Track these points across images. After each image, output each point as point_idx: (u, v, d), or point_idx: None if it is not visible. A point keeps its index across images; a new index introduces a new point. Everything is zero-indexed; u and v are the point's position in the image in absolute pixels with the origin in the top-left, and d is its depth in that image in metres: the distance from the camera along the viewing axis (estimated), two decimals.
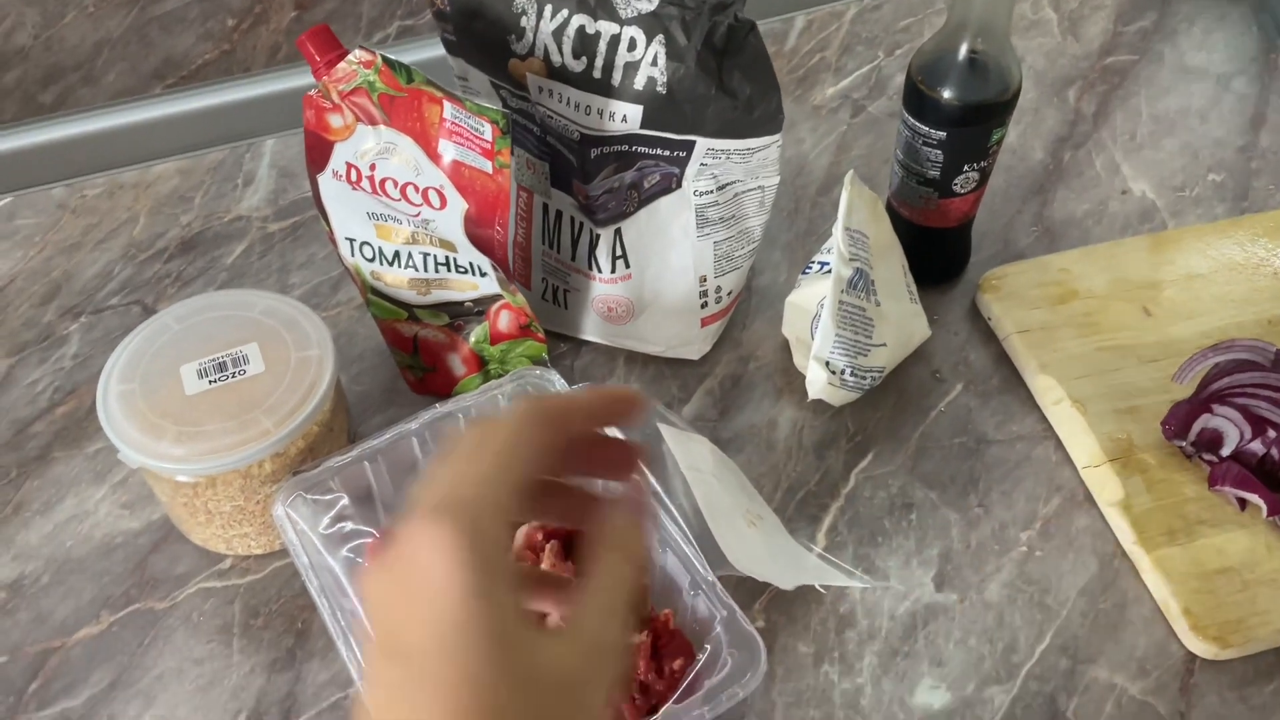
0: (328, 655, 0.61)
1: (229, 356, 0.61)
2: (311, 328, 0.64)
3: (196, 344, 0.62)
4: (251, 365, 0.61)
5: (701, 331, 0.73)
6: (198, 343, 0.62)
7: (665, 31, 0.58)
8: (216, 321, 0.64)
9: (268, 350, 0.62)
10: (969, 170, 0.71)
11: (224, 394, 0.60)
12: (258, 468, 0.60)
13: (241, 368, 0.61)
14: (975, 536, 0.66)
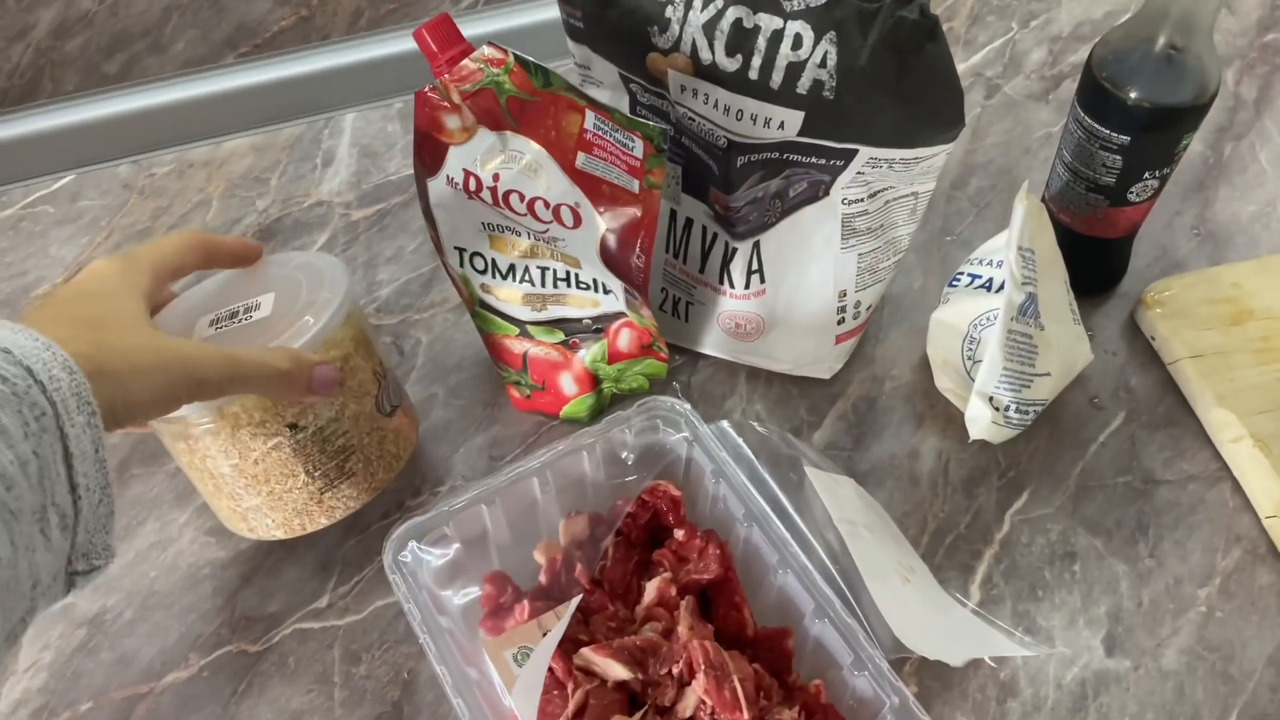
0: (439, 711, 0.56)
1: (242, 305, 0.56)
2: (330, 273, 0.57)
3: (220, 299, 0.57)
4: (260, 310, 0.55)
5: (835, 349, 0.66)
6: (222, 298, 0.57)
7: (838, 28, 0.50)
8: (246, 276, 0.58)
9: (282, 296, 0.56)
10: (1149, 178, 0.63)
11: (226, 338, 0.54)
12: (244, 413, 0.52)
13: (250, 314, 0.55)
14: (1147, 593, 0.59)
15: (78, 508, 0.40)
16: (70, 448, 0.39)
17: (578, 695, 0.50)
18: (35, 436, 0.38)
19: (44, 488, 0.38)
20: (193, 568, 0.61)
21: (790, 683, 0.53)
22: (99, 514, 0.42)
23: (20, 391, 0.38)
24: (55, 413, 0.38)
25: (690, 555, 0.57)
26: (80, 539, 0.41)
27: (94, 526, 0.42)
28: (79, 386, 0.40)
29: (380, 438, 0.58)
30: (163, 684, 0.57)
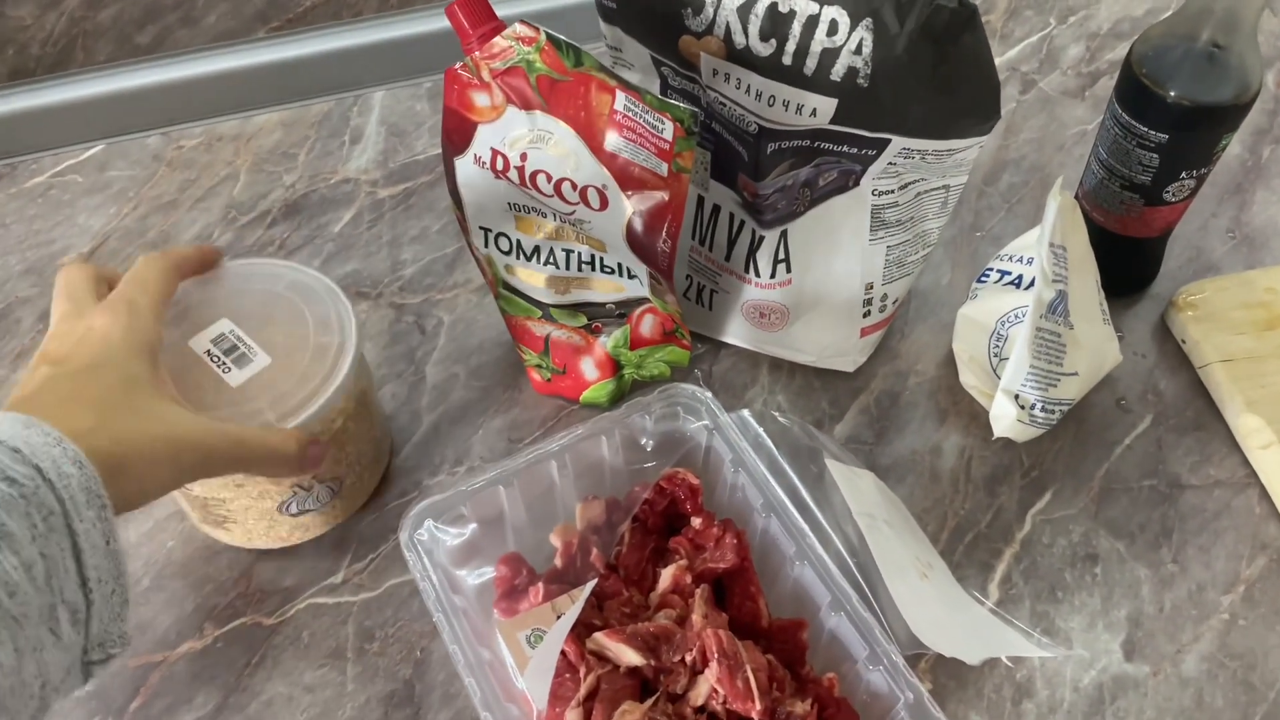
0: (450, 689, 0.56)
1: (234, 336, 0.54)
2: (335, 307, 0.56)
3: (210, 314, 0.55)
4: (258, 358, 0.53)
5: (860, 342, 0.66)
6: (212, 313, 0.55)
7: (875, 14, 0.49)
8: (237, 295, 0.56)
9: (282, 331, 0.54)
10: (1186, 178, 0.62)
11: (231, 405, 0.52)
12: (251, 484, 0.54)
13: (251, 355, 0.53)
14: (1169, 598, 0.58)
15: (89, 600, 0.40)
16: (80, 544, 0.39)
17: (590, 679, 0.50)
18: (43, 538, 0.37)
19: (52, 587, 0.38)
20: (210, 540, 0.61)
21: (804, 675, 0.53)
22: (112, 604, 0.41)
23: (29, 493, 0.37)
24: (64, 510, 0.38)
25: (707, 543, 0.56)
26: (95, 630, 0.41)
27: (108, 616, 0.41)
28: (89, 481, 0.40)
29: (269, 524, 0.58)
30: (177, 653, 0.57)
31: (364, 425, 0.58)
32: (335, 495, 0.58)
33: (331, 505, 0.59)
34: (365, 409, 0.58)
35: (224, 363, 0.53)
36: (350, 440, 0.57)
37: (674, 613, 0.54)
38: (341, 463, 0.57)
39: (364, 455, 0.59)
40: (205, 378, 0.52)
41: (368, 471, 0.60)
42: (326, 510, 0.59)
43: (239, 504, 0.55)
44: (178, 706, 0.55)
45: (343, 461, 0.57)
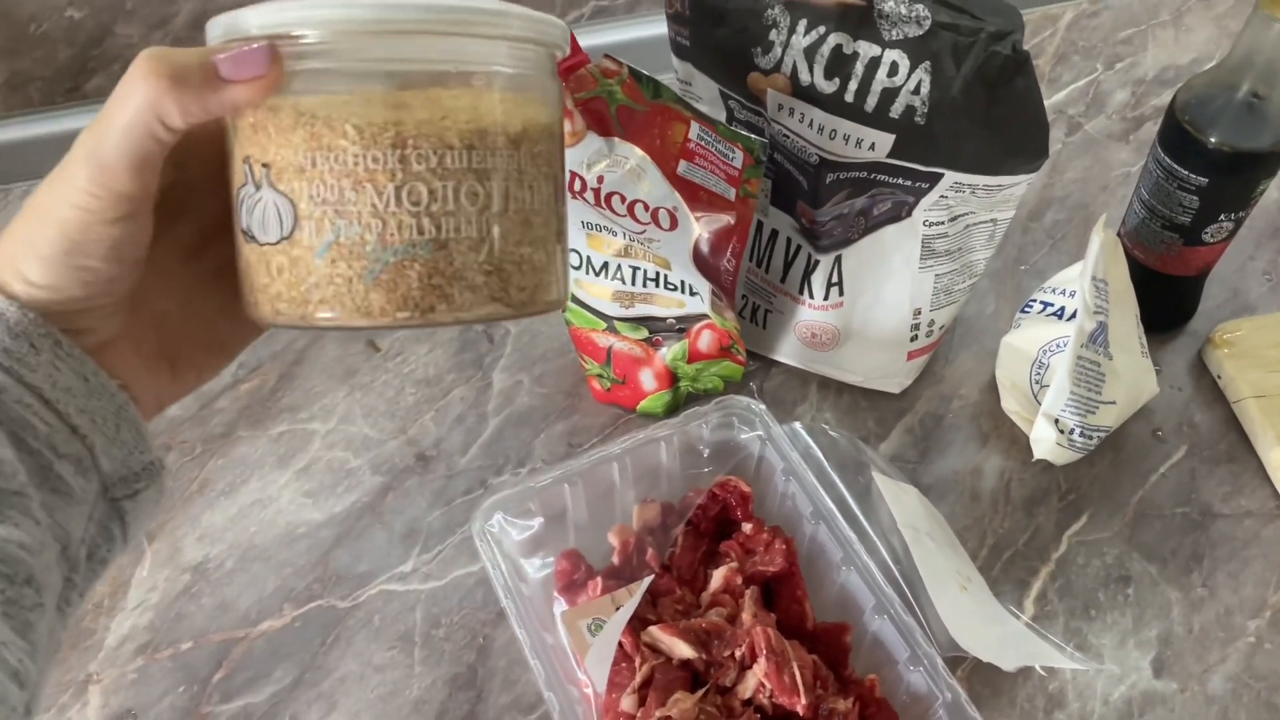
0: (510, 675, 0.59)
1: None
2: None
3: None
4: None
5: (906, 365, 0.69)
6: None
7: (933, 58, 0.53)
8: None
9: None
10: (1224, 220, 0.65)
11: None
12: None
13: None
14: (1198, 620, 0.61)
15: (88, 445, 0.36)
16: (46, 395, 0.34)
17: (644, 669, 0.54)
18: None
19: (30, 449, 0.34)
20: (290, 526, 0.66)
21: (846, 676, 0.56)
22: (121, 439, 0.37)
23: None
24: (5, 366, 0.34)
25: (757, 548, 0.60)
26: (107, 468, 0.36)
27: (120, 453, 0.37)
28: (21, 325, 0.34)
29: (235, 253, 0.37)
30: (258, 630, 0.61)
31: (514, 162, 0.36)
32: (283, 237, 0.34)
33: (276, 257, 0.35)
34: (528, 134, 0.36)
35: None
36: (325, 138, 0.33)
37: (724, 611, 0.57)
38: (302, 175, 0.34)
39: (349, 221, 0.34)
40: None
41: (336, 265, 0.34)
42: (268, 258, 0.35)
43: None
44: (257, 680, 0.59)
45: (301, 176, 0.34)
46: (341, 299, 0.34)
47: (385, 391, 0.72)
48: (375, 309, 0.34)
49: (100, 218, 0.34)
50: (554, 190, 0.37)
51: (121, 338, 0.38)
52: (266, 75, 0.33)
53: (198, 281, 0.41)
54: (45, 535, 0.34)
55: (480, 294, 0.35)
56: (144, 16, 0.81)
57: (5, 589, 0.32)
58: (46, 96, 0.83)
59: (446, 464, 0.68)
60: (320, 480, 0.68)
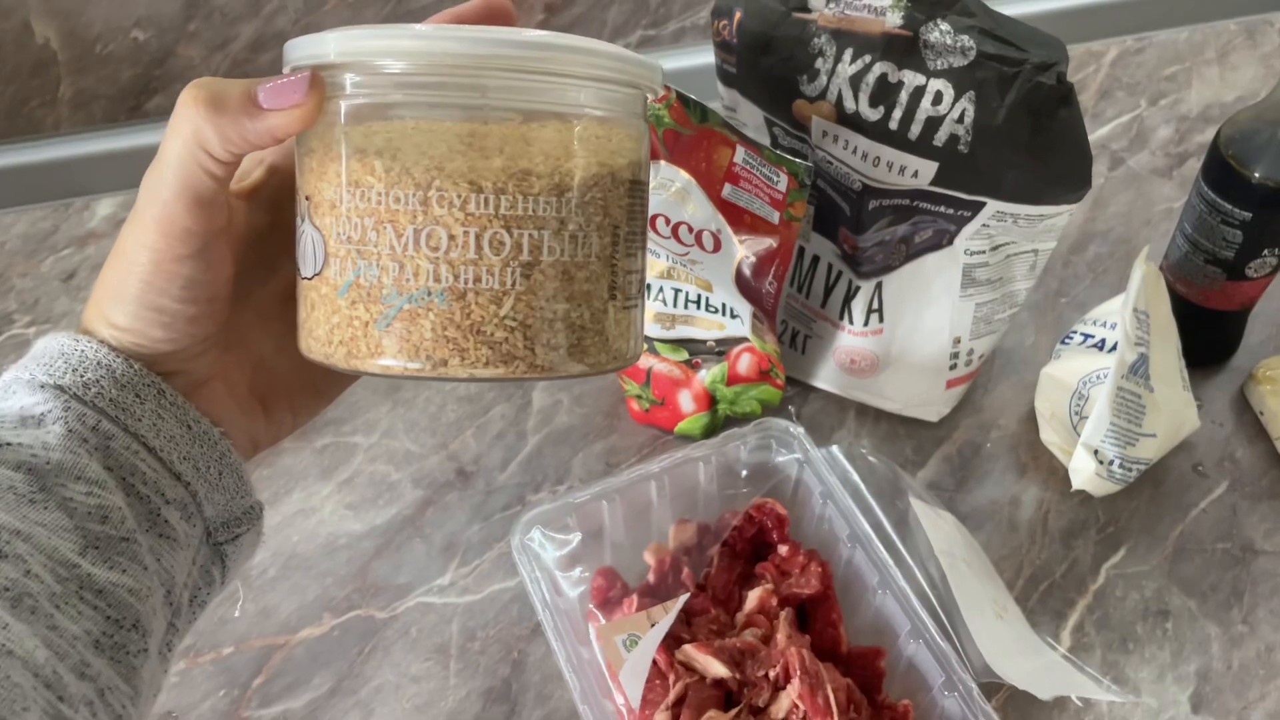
0: (544, 690, 0.60)
1: None
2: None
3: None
4: None
5: (945, 393, 0.69)
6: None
7: (978, 88, 0.54)
8: None
9: None
10: (1268, 255, 0.65)
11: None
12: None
13: None
14: (1238, 657, 0.60)
15: (191, 491, 0.36)
16: (150, 442, 0.35)
17: (678, 686, 0.54)
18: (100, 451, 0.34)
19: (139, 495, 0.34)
20: (331, 536, 0.67)
21: (880, 701, 0.56)
22: (224, 485, 0.37)
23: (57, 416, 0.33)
24: (109, 415, 0.34)
25: (792, 570, 0.60)
26: (210, 514, 0.37)
27: (222, 499, 0.37)
28: (128, 375, 0.35)
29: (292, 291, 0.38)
30: (298, 637, 0.62)
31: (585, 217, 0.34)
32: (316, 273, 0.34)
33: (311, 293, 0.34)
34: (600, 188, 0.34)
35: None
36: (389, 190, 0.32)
37: (759, 632, 0.57)
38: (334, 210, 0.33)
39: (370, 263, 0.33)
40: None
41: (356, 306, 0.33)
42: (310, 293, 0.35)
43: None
44: (296, 686, 0.60)
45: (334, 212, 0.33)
46: (356, 342, 0.33)
47: (427, 407, 0.73)
48: (387, 356, 0.33)
49: (168, 255, 0.34)
50: (613, 240, 0.34)
51: (214, 378, 0.38)
52: (303, 105, 0.32)
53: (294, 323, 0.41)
54: (152, 580, 0.34)
55: (499, 351, 0.32)
56: (205, 39, 0.84)
57: (114, 634, 0.32)
58: (110, 114, 0.86)
59: (486, 480, 0.69)
60: (362, 493, 0.69)
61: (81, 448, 0.33)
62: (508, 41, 0.31)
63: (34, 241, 0.84)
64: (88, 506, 0.33)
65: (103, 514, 0.33)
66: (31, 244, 0.84)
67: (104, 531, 0.33)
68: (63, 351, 0.35)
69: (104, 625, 0.32)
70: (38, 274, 0.82)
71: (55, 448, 0.33)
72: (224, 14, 0.82)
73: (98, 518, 0.33)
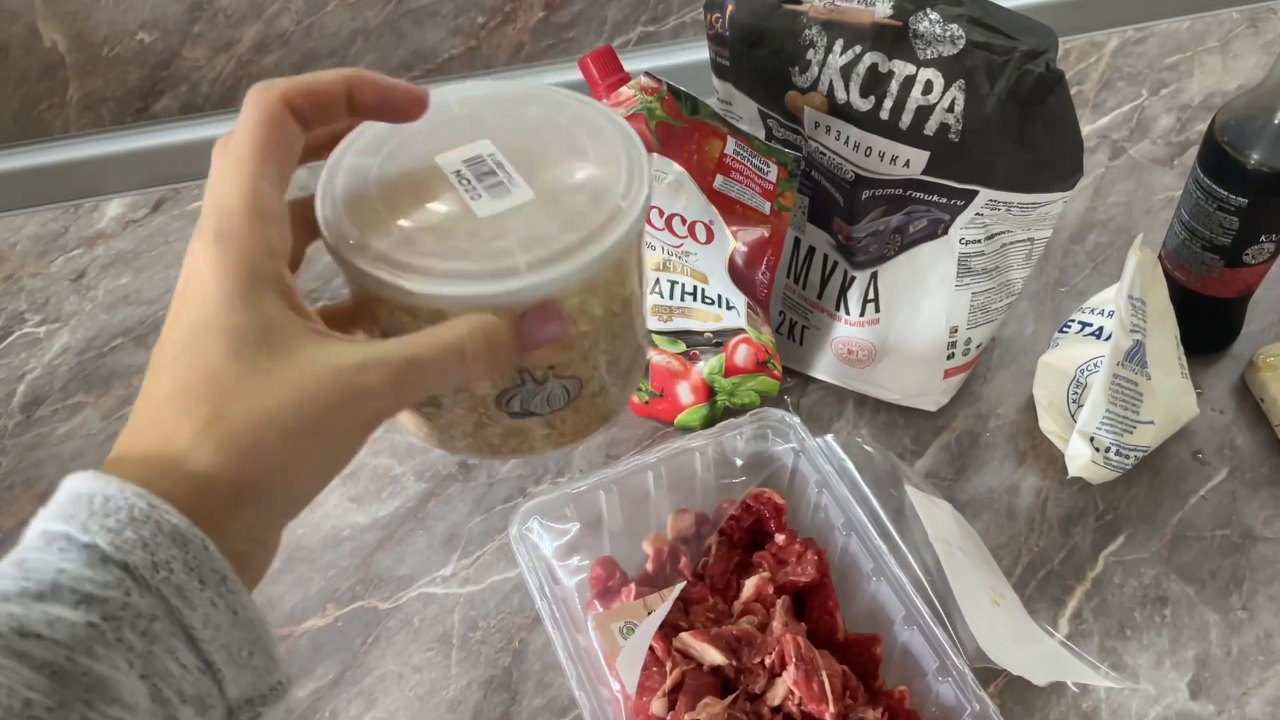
0: (544, 679, 0.60)
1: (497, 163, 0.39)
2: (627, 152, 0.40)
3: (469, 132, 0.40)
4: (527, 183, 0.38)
5: (943, 383, 0.69)
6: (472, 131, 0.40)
7: (968, 76, 0.54)
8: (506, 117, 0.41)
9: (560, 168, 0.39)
10: (1265, 241, 0.64)
11: (478, 205, 0.38)
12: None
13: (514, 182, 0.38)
14: (1237, 643, 0.60)
15: (218, 679, 0.32)
16: (195, 635, 0.31)
17: (675, 674, 0.54)
18: (143, 658, 0.30)
19: (162, 700, 0.31)
20: (335, 529, 0.67)
21: (876, 688, 0.56)
22: (254, 665, 0.34)
23: (116, 611, 0.29)
24: (168, 607, 0.30)
25: (789, 558, 0.60)
26: (234, 695, 0.33)
27: (248, 680, 0.34)
28: (198, 559, 0.31)
29: (479, 423, 0.41)
30: (302, 628, 0.63)
31: (627, 319, 0.41)
32: (568, 402, 0.41)
33: (558, 417, 0.42)
34: (633, 299, 0.41)
35: (474, 188, 0.38)
36: (606, 332, 0.40)
37: (755, 619, 0.58)
38: (589, 358, 0.40)
39: (618, 361, 0.42)
40: (447, 202, 0.38)
41: (614, 386, 0.43)
42: (551, 421, 0.42)
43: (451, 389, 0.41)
44: (301, 677, 0.61)
45: (591, 357, 0.40)
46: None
47: None
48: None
49: (373, 429, 0.35)
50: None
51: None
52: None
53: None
54: None
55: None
56: (210, 40, 0.85)
57: None
58: (118, 116, 0.87)
59: (487, 472, 0.70)
60: (365, 486, 0.69)
61: (125, 659, 0.29)
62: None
63: (44, 242, 0.85)
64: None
65: None
66: (42, 245, 0.85)
67: None
68: (133, 514, 0.30)
69: None
70: (48, 274, 0.83)
71: (100, 657, 0.29)
72: (227, 16, 0.83)
73: None
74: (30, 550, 0.30)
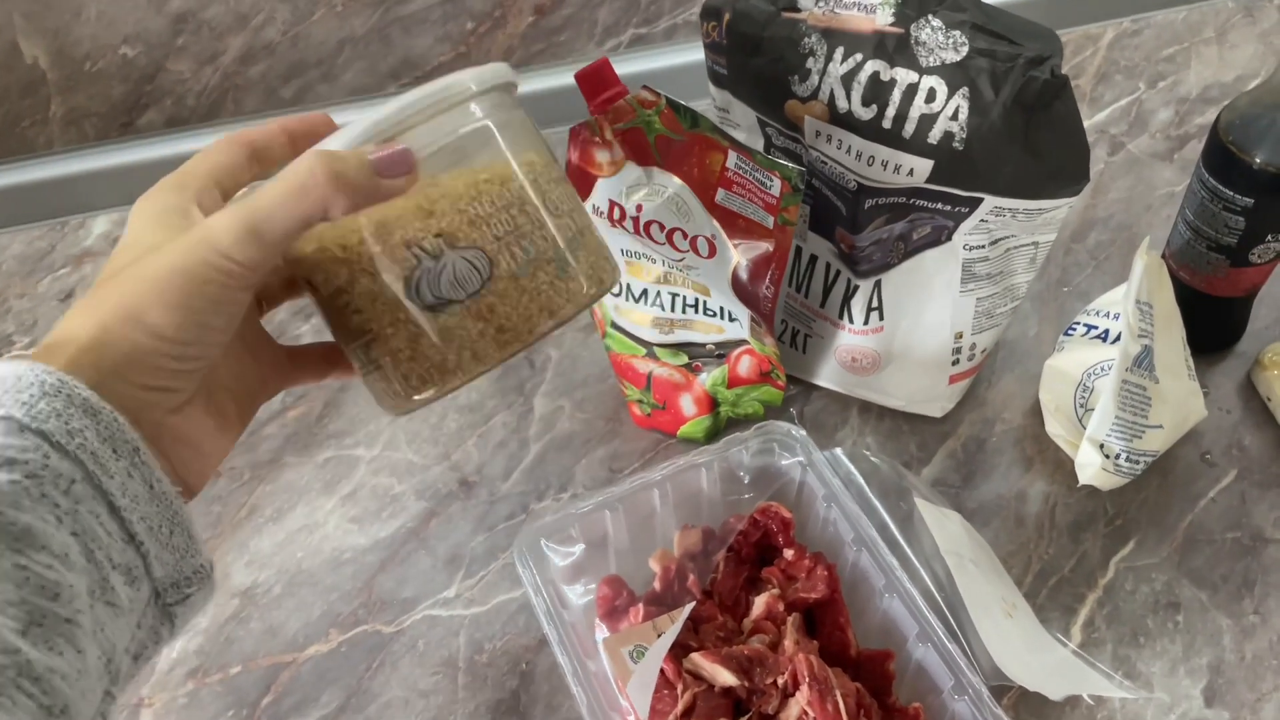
0: (553, 702, 0.60)
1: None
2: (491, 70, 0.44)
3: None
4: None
5: (948, 389, 0.68)
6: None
7: (971, 84, 0.53)
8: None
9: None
10: (1272, 240, 0.64)
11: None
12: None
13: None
14: (1250, 648, 0.60)
15: (143, 554, 0.35)
16: (115, 501, 0.34)
17: (686, 696, 0.54)
18: (70, 515, 0.33)
19: (95, 562, 0.33)
20: (336, 551, 0.66)
21: (890, 704, 0.56)
22: (174, 544, 0.36)
23: (37, 470, 0.32)
24: (86, 473, 0.33)
25: (799, 574, 0.59)
26: (160, 574, 0.36)
27: (171, 559, 0.36)
28: (111, 427, 0.34)
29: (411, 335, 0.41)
30: (305, 655, 0.62)
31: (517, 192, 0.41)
32: (484, 283, 0.41)
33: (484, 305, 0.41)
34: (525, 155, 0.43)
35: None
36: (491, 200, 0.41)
37: (766, 638, 0.57)
38: (479, 226, 0.40)
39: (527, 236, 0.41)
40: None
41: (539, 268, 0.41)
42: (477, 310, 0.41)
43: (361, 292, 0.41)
44: (305, 704, 0.60)
45: (481, 226, 0.40)
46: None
47: (428, 417, 0.73)
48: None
49: (242, 283, 0.37)
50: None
51: (196, 396, 0.39)
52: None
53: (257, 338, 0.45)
54: (87, 661, 0.33)
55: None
56: (194, 53, 0.84)
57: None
58: (102, 131, 0.86)
59: (489, 489, 0.69)
60: (365, 506, 0.69)
61: (52, 514, 0.32)
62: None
63: (30, 262, 0.84)
64: (42, 580, 0.31)
65: (54, 591, 0.32)
66: (28, 264, 0.84)
67: (51, 610, 0.32)
68: (44, 389, 0.33)
69: (35, 714, 0.31)
70: (35, 294, 0.82)
71: (26, 509, 0.32)
72: (212, 28, 0.82)
73: (49, 594, 0.32)
74: None
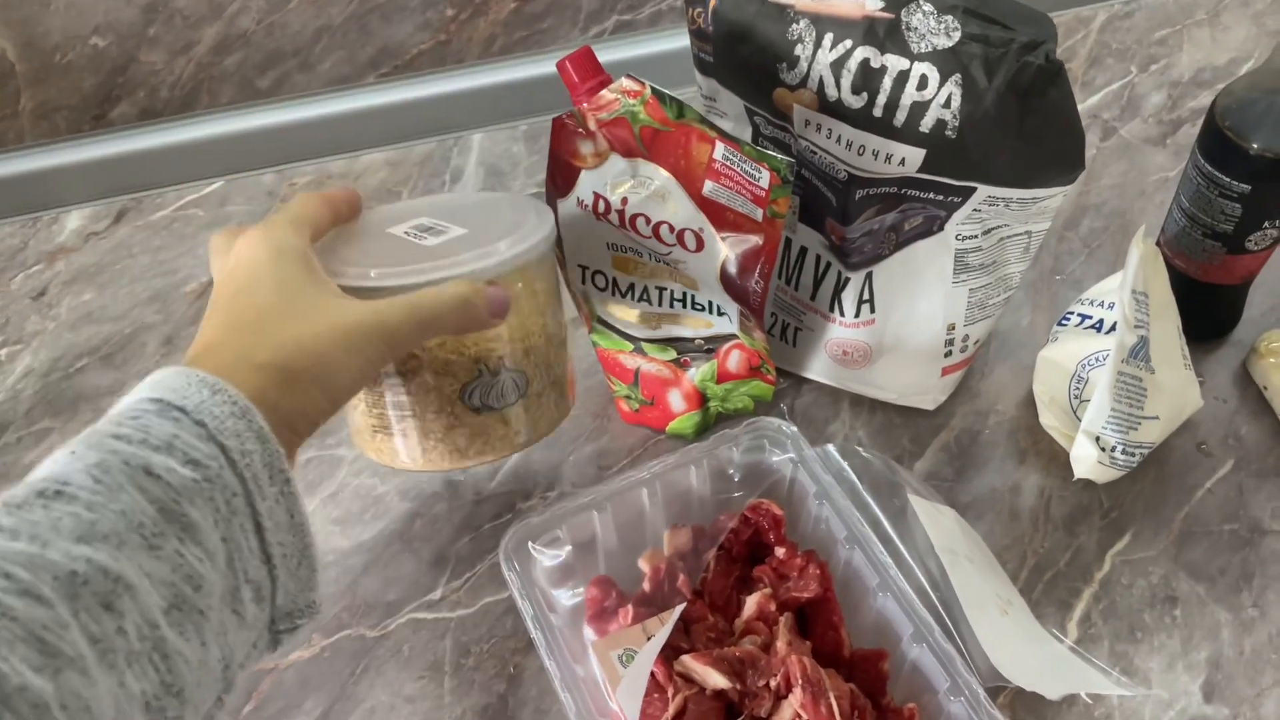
0: (541, 705, 0.58)
1: (434, 222, 0.55)
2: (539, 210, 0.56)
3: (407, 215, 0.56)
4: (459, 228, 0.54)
5: (940, 381, 0.67)
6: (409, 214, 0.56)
7: (964, 70, 0.52)
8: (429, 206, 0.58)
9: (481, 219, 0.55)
10: (1269, 227, 0.63)
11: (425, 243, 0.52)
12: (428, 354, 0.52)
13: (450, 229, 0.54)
14: (1249, 642, 0.59)
15: (274, 576, 0.39)
16: (262, 522, 0.38)
17: (677, 700, 0.52)
18: (225, 522, 0.37)
19: (234, 570, 0.37)
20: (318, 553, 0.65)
21: (884, 705, 0.55)
22: (299, 576, 0.41)
23: (213, 476, 0.37)
24: (246, 491, 0.38)
25: (790, 573, 0.58)
26: (281, 602, 0.40)
27: (294, 589, 0.41)
28: (272, 456, 0.39)
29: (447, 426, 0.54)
30: (288, 661, 0.61)
31: (551, 325, 0.56)
32: (520, 397, 0.54)
33: (512, 414, 0.55)
34: (553, 308, 0.56)
35: (421, 237, 0.53)
36: (536, 332, 0.54)
37: (758, 639, 0.56)
38: (528, 356, 0.54)
39: (550, 365, 0.56)
40: (401, 248, 0.52)
41: (550, 392, 0.57)
42: (506, 418, 0.55)
43: (417, 387, 0.52)
44: (288, 711, 0.59)
45: (529, 356, 0.54)
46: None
47: None
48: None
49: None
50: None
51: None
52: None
53: None
54: (210, 655, 0.37)
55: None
56: (167, 44, 0.81)
57: (162, 697, 0.35)
58: (74, 124, 0.84)
59: (474, 489, 0.67)
60: (348, 507, 0.67)
61: (213, 515, 0.36)
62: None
63: (2, 259, 0.82)
64: (191, 570, 0.35)
65: (198, 582, 0.36)
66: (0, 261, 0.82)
67: (191, 598, 0.35)
68: (233, 409, 0.38)
69: (157, 689, 0.34)
70: (7, 292, 0.80)
71: (197, 505, 0.36)
72: (185, 17, 0.80)
73: (194, 584, 0.35)
74: (147, 415, 0.37)
